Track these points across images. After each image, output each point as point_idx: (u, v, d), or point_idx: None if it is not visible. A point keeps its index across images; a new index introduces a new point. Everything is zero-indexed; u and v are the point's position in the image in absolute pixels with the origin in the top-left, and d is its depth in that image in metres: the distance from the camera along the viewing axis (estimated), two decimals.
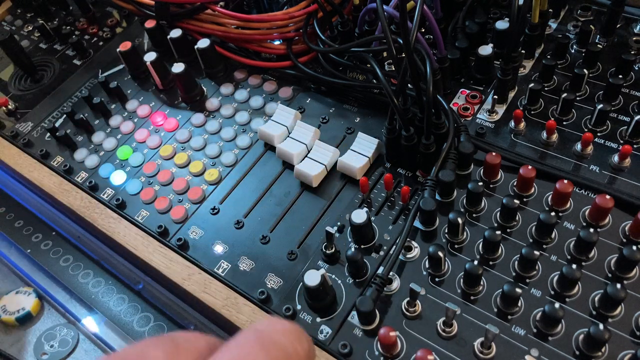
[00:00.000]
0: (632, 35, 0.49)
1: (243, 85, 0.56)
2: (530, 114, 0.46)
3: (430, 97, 0.38)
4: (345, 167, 0.45)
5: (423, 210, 0.39)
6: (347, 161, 0.45)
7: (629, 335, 0.33)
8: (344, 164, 0.45)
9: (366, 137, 0.47)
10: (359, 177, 0.45)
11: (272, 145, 0.49)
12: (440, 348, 0.35)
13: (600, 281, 0.36)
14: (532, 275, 0.37)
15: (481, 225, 0.40)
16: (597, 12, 0.52)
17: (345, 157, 0.46)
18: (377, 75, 0.43)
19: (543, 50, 0.51)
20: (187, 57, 0.58)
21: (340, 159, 0.45)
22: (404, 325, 0.36)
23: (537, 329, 0.35)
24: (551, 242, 0.38)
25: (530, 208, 0.40)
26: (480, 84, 0.49)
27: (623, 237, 0.38)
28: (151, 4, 0.57)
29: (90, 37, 0.67)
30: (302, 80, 0.55)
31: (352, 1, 0.56)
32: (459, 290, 0.37)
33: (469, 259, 0.37)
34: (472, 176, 0.43)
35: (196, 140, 0.52)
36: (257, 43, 0.56)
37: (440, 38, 0.45)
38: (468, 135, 0.43)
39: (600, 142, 0.43)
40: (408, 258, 0.40)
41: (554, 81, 0.48)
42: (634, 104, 0.44)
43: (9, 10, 0.74)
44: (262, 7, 0.63)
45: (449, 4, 0.52)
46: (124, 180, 0.51)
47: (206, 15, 0.56)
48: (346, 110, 0.52)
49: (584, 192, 0.40)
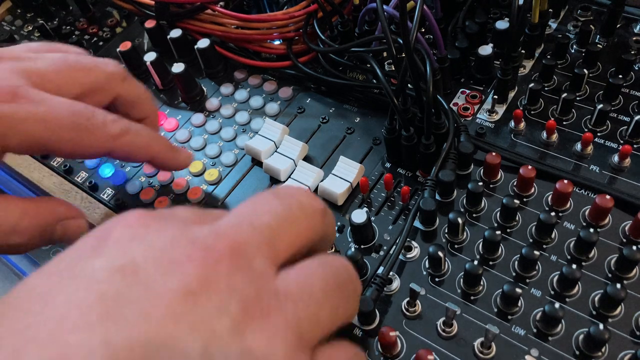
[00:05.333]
0: (632, 35, 0.49)
1: (243, 85, 0.56)
2: (530, 114, 0.46)
3: (430, 97, 0.38)
4: (326, 192, 0.44)
5: (423, 210, 0.39)
6: (328, 187, 0.44)
7: (629, 335, 0.33)
8: (324, 189, 0.44)
9: (348, 162, 0.45)
10: (340, 203, 0.44)
11: None
12: (440, 348, 0.35)
13: (600, 281, 0.36)
14: (532, 275, 0.37)
15: (481, 225, 0.40)
16: (597, 12, 0.52)
17: (326, 183, 0.44)
18: (377, 75, 0.43)
19: (543, 50, 0.51)
20: (187, 57, 0.58)
21: (321, 184, 0.44)
22: (404, 325, 0.36)
23: (537, 329, 0.35)
24: (551, 242, 0.38)
25: (530, 208, 0.40)
26: (480, 84, 0.49)
27: (623, 237, 0.38)
28: (151, 4, 0.57)
29: (90, 37, 0.67)
30: (302, 80, 0.55)
31: (352, 1, 0.56)
32: (459, 290, 0.37)
33: (469, 259, 0.37)
34: (472, 176, 0.43)
35: (196, 140, 0.52)
36: (257, 43, 0.56)
37: (440, 38, 0.45)
38: (468, 135, 0.43)
39: (600, 142, 0.43)
40: (408, 258, 0.40)
41: (554, 81, 0.48)
42: (634, 104, 0.44)
43: (9, 10, 0.74)
44: (262, 7, 0.63)
45: (449, 4, 0.52)
46: (123, 180, 0.51)
47: (206, 15, 0.56)
48: (346, 110, 0.52)
49: (584, 192, 0.40)
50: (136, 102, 0.37)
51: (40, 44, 0.36)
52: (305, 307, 0.21)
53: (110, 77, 0.34)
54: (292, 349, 0.19)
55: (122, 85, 0.35)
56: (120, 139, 0.33)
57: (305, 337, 0.21)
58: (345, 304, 0.24)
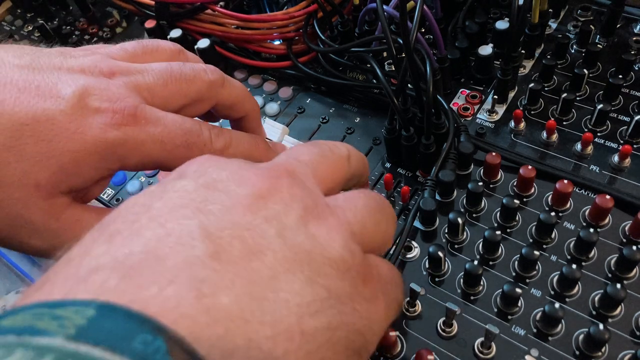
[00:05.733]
0: (632, 35, 0.49)
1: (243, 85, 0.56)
2: (530, 114, 0.46)
3: (430, 97, 0.38)
4: None
5: (423, 210, 0.39)
6: None
7: (629, 335, 0.33)
8: None
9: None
10: None
11: None
12: (440, 348, 0.35)
13: (600, 281, 0.36)
14: (532, 275, 0.37)
15: (481, 225, 0.40)
16: (597, 12, 0.52)
17: None
18: (377, 75, 0.43)
19: (543, 50, 0.51)
20: None
21: None
22: (404, 325, 0.36)
23: (537, 329, 0.35)
24: (551, 242, 0.38)
25: (530, 208, 0.40)
26: (480, 84, 0.49)
27: (623, 237, 0.38)
28: (151, 4, 0.57)
29: (90, 37, 0.67)
30: (302, 80, 0.55)
31: (352, 1, 0.56)
32: (459, 290, 0.37)
33: (469, 259, 0.37)
34: (472, 176, 0.43)
35: None
36: (257, 43, 0.56)
37: (440, 38, 0.45)
38: (468, 135, 0.43)
39: (600, 142, 0.43)
40: (408, 258, 0.40)
41: (554, 81, 0.48)
42: (634, 104, 0.44)
43: (9, 10, 0.74)
44: (262, 7, 0.63)
45: (449, 4, 0.52)
46: (124, 180, 0.51)
47: (206, 15, 0.56)
48: (346, 110, 0.52)
49: (584, 192, 0.40)
50: (235, 104, 0.37)
51: (135, 46, 0.35)
52: (353, 214, 0.25)
53: (211, 86, 0.34)
54: (348, 239, 0.24)
55: (222, 92, 0.36)
56: (225, 152, 0.34)
57: (356, 235, 0.25)
58: (385, 221, 0.28)
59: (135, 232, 0.20)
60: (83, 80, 0.29)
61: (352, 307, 0.23)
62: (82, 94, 0.28)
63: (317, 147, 0.29)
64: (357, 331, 0.23)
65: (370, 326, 0.24)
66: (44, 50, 0.31)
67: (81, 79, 0.29)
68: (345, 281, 0.23)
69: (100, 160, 0.29)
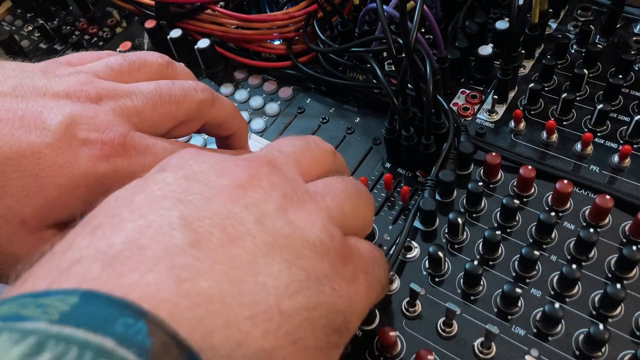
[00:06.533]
0: (632, 35, 0.49)
1: (243, 85, 0.56)
2: (530, 114, 0.46)
3: (430, 97, 0.38)
4: None
5: (423, 210, 0.39)
6: None
7: (629, 335, 0.33)
8: None
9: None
10: None
11: None
12: (440, 348, 0.35)
13: (600, 281, 0.36)
14: (532, 275, 0.37)
15: (481, 225, 0.40)
16: (597, 12, 0.52)
17: None
18: (377, 75, 0.43)
19: (543, 50, 0.51)
20: (187, 57, 0.58)
21: None
22: (404, 325, 0.36)
23: (537, 329, 0.35)
24: (551, 242, 0.38)
25: (530, 208, 0.40)
26: (480, 84, 0.49)
27: (623, 237, 0.38)
28: (151, 4, 0.57)
29: (90, 37, 0.67)
30: (302, 80, 0.55)
31: (352, 1, 0.56)
32: (459, 290, 0.37)
33: (469, 259, 0.37)
34: (472, 176, 0.43)
35: (196, 140, 0.52)
36: (257, 43, 0.56)
37: (440, 38, 0.45)
38: (468, 135, 0.43)
39: (600, 142, 0.43)
40: (408, 258, 0.40)
41: (554, 81, 0.48)
42: (634, 104, 0.44)
43: (9, 10, 0.74)
44: (262, 7, 0.63)
45: (449, 4, 0.52)
46: None
47: (206, 15, 0.56)
48: (346, 110, 0.52)
49: (584, 192, 0.40)
50: (224, 123, 0.36)
51: (121, 62, 0.33)
52: (331, 199, 0.26)
53: (201, 106, 0.34)
54: (327, 223, 0.24)
55: (212, 111, 0.35)
56: None
57: (335, 219, 0.25)
58: (364, 204, 0.29)
59: (116, 225, 0.20)
60: (70, 108, 0.28)
61: (331, 287, 0.23)
62: (69, 124, 0.27)
63: (302, 140, 0.30)
64: (337, 310, 0.23)
65: (350, 305, 0.24)
66: (26, 69, 0.30)
67: (68, 106, 0.28)
68: (324, 263, 0.23)
69: (89, 193, 0.28)
